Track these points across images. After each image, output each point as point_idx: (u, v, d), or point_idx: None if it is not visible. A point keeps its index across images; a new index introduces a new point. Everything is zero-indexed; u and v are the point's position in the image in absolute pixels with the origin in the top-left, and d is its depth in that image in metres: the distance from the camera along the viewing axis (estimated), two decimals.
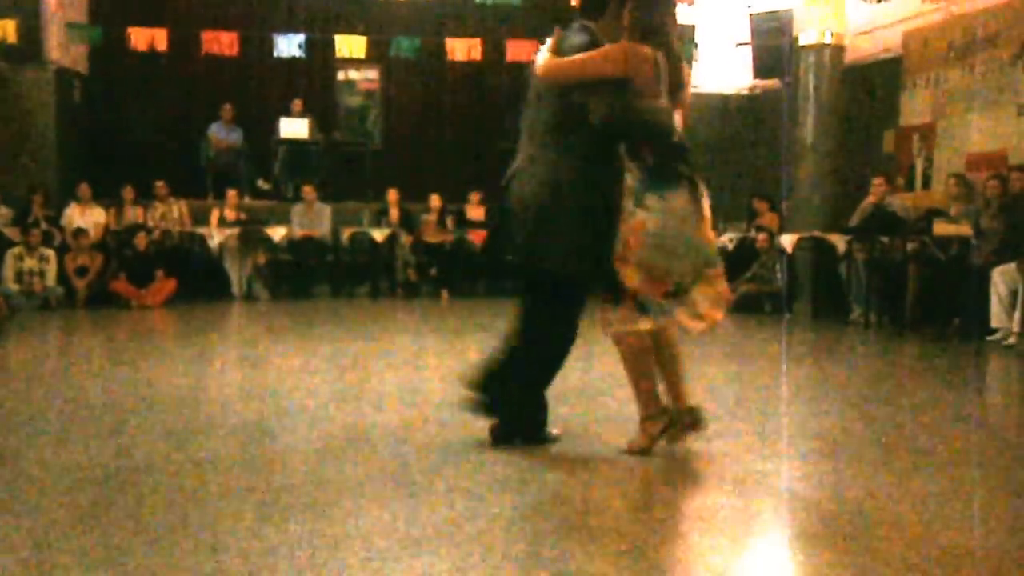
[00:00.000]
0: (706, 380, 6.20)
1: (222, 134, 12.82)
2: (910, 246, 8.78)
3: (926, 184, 10.05)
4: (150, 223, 11.25)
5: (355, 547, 2.71)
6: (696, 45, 12.10)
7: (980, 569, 2.67)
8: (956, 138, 9.61)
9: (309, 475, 3.52)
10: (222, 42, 11.48)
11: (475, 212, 12.15)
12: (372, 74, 13.84)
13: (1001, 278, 7.76)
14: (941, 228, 8.49)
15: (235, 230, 11.33)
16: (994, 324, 7.78)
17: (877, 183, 9.31)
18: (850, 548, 2.79)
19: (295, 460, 3.76)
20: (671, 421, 3.77)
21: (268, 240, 11.40)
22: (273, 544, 2.73)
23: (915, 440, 4.34)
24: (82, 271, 10.51)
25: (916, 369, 7.12)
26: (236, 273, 11.39)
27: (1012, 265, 7.69)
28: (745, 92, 12.63)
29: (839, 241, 9.53)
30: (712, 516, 3.17)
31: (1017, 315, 7.55)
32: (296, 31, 12.11)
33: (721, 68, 12.43)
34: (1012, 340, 7.57)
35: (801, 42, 10.33)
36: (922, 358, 7.50)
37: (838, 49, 10.22)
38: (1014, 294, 7.64)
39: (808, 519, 3.18)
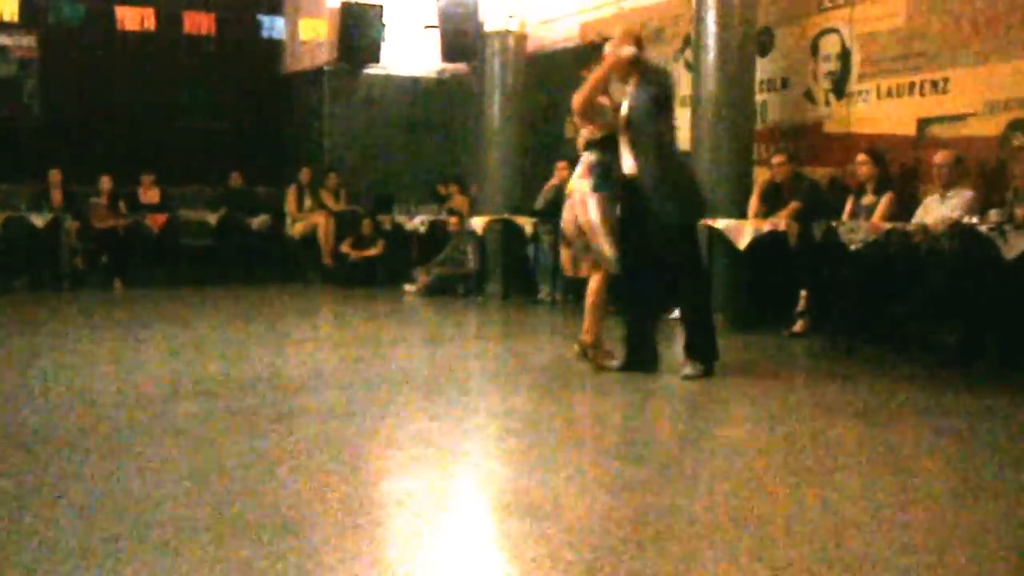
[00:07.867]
0: (401, 362, 6.14)
1: None
2: None
3: None
4: None
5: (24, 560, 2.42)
6: (384, 26, 11.99)
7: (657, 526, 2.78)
8: None
9: None
10: None
11: (149, 195, 11.32)
12: (27, 41, 12.43)
13: None
14: None
15: None
16: None
17: (560, 167, 9.68)
18: (539, 519, 2.83)
19: None
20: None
21: None
22: None
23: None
24: None
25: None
26: None
27: None
28: (434, 75, 12.71)
29: (526, 223, 9.82)
30: (410, 497, 3.10)
31: None
32: None
33: (410, 50, 12.42)
34: None
35: (487, 28, 10.52)
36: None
37: (521, 37, 10.50)
38: None
39: (502, 495, 3.20)
